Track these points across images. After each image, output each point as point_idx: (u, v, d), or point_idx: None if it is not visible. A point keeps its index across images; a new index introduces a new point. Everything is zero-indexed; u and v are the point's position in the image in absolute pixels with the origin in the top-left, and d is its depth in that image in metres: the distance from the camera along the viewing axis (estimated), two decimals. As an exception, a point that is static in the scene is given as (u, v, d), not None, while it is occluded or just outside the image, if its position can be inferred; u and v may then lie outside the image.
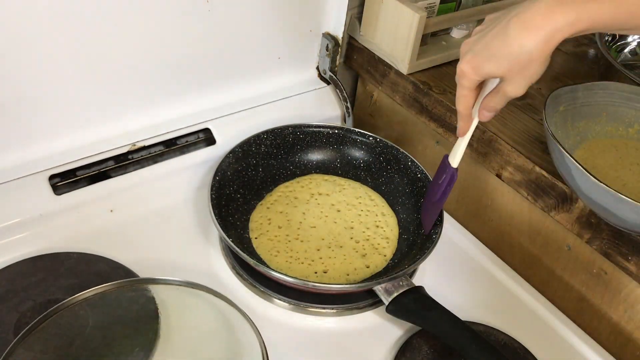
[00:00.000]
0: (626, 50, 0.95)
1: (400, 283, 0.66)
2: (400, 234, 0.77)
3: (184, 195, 0.80)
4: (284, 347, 0.63)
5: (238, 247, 0.65)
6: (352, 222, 0.77)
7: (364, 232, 0.76)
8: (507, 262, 0.78)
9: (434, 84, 0.88)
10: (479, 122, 0.63)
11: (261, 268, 0.65)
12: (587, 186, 0.64)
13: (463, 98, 0.60)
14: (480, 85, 0.60)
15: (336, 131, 0.84)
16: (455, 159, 0.66)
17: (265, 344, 0.58)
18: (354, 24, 0.95)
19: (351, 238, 0.75)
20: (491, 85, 0.60)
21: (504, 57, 0.53)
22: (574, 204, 0.72)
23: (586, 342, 0.69)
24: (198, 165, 0.81)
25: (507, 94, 0.57)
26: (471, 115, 0.62)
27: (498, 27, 0.54)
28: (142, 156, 0.79)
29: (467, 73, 0.57)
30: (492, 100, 0.59)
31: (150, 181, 0.78)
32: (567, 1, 0.51)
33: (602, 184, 0.61)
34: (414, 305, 0.65)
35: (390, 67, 0.91)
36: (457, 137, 0.65)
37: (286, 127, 0.83)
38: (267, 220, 0.76)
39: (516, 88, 0.56)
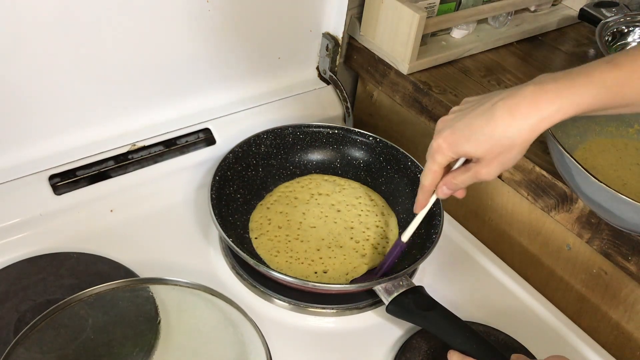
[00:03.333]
0: (626, 50, 0.95)
1: (400, 283, 0.66)
2: (400, 234, 0.76)
3: (184, 195, 0.80)
4: (284, 347, 0.63)
5: (238, 247, 0.65)
6: (352, 222, 0.77)
7: (363, 232, 0.76)
8: (507, 262, 0.78)
9: (434, 84, 0.88)
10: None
11: (261, 268, 0.65)
12: (587, 186, 0.64)
13: (432, 173, 0.59)
14: (449, 166, 0.59)
15: (336, 131, 0.84)
16: (405, 234, 0.67)
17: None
18: (354, 24, 0.95)
19: (351, 238, 0.75)
20: (458, 163, 0.59)
21: (486, 138, 0.53)
22: (574, 204, 0.72)
23: (586, 342, 0.69)
24: (198, 165, 0.81)
25: (479, 175, 0.56)
26: (431, 192, 0.62)
27: (482, 108, 0.53)
28: (142, 156, 0.79)
29: (443, 149, 0.56)
30: (458, 177, 0.58)
31: (150, 181, 0.78)
32: (551, 89, 0.51)
33: (602, 184, 0.61)
34: (414, 305, 0.64)
35: (390, 67, 0.91)
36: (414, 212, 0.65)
37: (286, 127, 0.83)
38: (267, 220, 0.76)
39: (490, 171, 0.55)
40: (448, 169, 0.60)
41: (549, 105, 0.51)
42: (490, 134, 0.52)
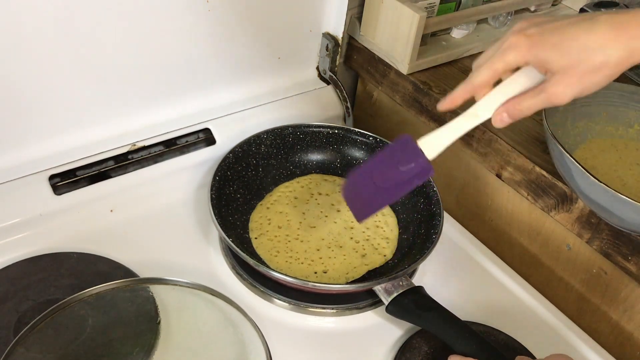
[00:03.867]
0: (626, 50, 0.95)
1: (400, 283, 0.66)
2: (400, 234, 0.77)
3: (184, 195, 0.80)
4: (284, 347, 0.63)
5: (238, 247, 0.65)
6: (352, 222, 0.77)
7: (363, 232, 0.76)
8: (507, 262, 0.78)
9: (434, 84, 0.88)
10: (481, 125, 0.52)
11: (261, 268, 0.65)
12: (587, 186, 0.64)
13: (491, 72, 0.50)
14: (499, 81, 0.51)
15: (336, 131, 0.84)
16: (434, 149, 0.53)
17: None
18: (354, 24, 0.95)
19: (351, 238, 0.75)
20: (519, 87, 0.49)
21: (577, 48, 0.46)
22: (574, 204, 0.72)
23: (586, 342, 0.69)
24: (198, 165, 0.81)
25: (552, 97, 0.48)
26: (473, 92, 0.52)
27: (576, 18, 0.47)
28: (142, 156, 0.79)
29: (521, 47, 0.48)
30: (527, 101, 0.49)
31: (150, 181, 0.78)
32: None
33: (602, 184, 0.61)
34: (414, 305, 0.64)
35: (390, 67, 0.91)
36: (440, 109, 0.55)
37: (286, 127, 0.83)
38: (267, 221, 0.76)
39: (567, 92, 0.47)
40: (497, 84, 0.50)
41: None
42: (585, 44, 0.45)
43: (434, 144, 0.53)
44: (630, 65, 0.46)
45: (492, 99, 0.51)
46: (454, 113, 0.56)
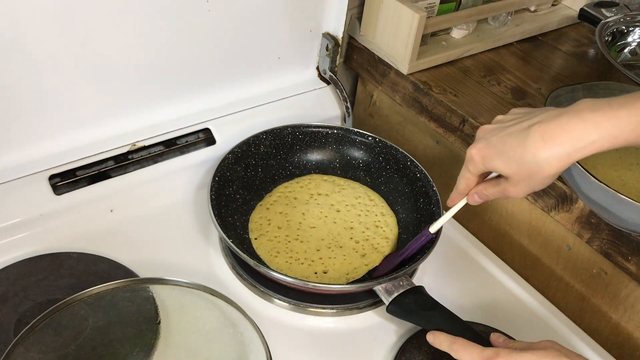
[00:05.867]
0: (626, 50, 0.95)
1: (401, 283, 0.66)
2: (400, 234, 0.77)
3: (184, 195, 0.80)
4: (284, 347, 0.63)
5: (238, 248, 0.65)
6: (352, 222, 0.77)
7: (363, 232, 0.76)
8: (507, 262, 0.78)
9: (434, 84, 0.88)
10: None
11: (261, 269, 0.65)
12: (587, 186, 0.64)
13: (465, 180, 0.60)
14: (485, 174, 0.60)
15: (335, 131, 0.84)
16: (434, 226, 0.66)
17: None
18: (354, 24, 0.95)
19: (351, 238, 0.75)
20: (493, 174, 0.59)
21: (514, 160, 0.52)
22: (574, 204, 0.72)
23: (586, 342, 0.69)
24: (198, 165, 0.81)
25: (506, 192, 0.56)
26: (464, 194, 0.62)
27: (519, 127, 0.52)
28: (142, 156, 0.79)
29: (475, 160, 0.56)
30: (488, 189, 0.58)
31: (150, 181, 0.78)
32: (589, 119, 0.49)
33: (602, 184, 0.61)
34: (414, 305, 0.64)
35: (390, 67, 0.91)
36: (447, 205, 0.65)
37: (285, 128, 0.83)
38: (267, 221, 0.76)
39: (518, 191, 0.54)
40: (486, 175, 0.60)
41: (586, 137, 0.49)
42: (520, 156, 0.51)
43: (436, 220, 0.67)
44: (568, 165, 0.50)
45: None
46: (453, 113, 0.57)
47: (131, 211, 0.76)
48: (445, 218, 0.66)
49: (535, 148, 0.50)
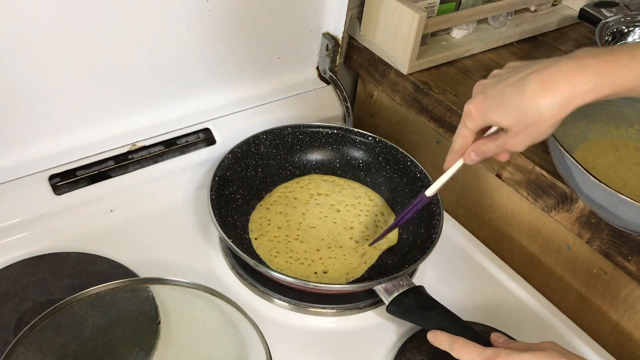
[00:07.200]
0: (626, 50, 0.95)
1: (401, 283, 0.66)
2: (400, 234, 0.77)
3: (184, 195, 0.80)
4: (284, 347, 0.63)
5: (238, 248, 0.65)
6: (352, 222, 0.77)
7: (363, 232, 0.76)
8: (507, 262, 0.78)
9: (434, 84, 0.88)
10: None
11: (261, 269, 0.65)
12: (587, 186, 0.64)
13: (462, 137, 0.57)
14: (483, 131, 0.58)
15: (335, 131, 0.84)
16: (430, 189, 0.65)
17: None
18: (354, 24, 0.95)
19: (351, 238, 0.75)
20: (491, 130, 0.57)
21: (514, 110, 0.51)
22: (574, 204, 0.72)
23: (586, 342, 0.69)
24: (198, 165, 0.81)
25: (506, 145, 0.54)
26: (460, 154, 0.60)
27: (516, 77, 0.51)
28: (142, 156, 0.79)
29: (472, 115, 0.54)
30: (487, 145, 0.56)
31: (150, 181, 0.78)
32: (589, 64, 0.48)
33: (602, 184, 0.61)
34: (414, 305, 0.64)
35: (390, 67, 0.91)
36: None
37: (285, 128, 0.83)
38: (267, 221, 0.76)
39: (517, 143, 0.53)
40: (482, 133, 0.58)
41: (585, 82, 0.48)
42: (519, 105, 0.50)
43: (434, 186, 0.65)
44: (568, 113, 0.49)
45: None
46: (453, 113, 0.57)
47: (131, 211, 0.76)
48: (442, 180, 0.63)
49: (535, 96, 0.49)
